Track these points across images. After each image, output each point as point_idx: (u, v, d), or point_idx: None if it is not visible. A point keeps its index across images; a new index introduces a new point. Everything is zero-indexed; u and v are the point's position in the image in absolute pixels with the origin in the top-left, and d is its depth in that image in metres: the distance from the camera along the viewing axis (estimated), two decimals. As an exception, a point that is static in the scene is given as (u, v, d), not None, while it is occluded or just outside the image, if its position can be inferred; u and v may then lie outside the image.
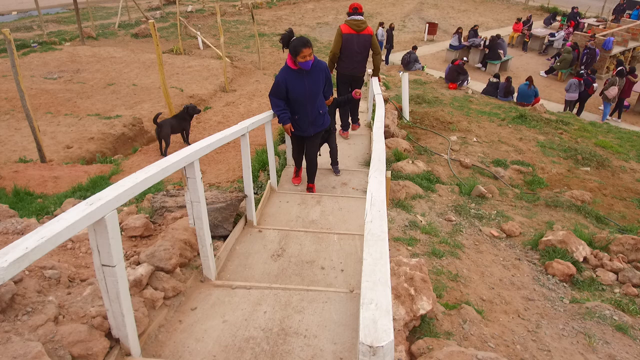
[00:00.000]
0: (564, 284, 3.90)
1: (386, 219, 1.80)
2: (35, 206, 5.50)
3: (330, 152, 5.80)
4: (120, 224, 3.57)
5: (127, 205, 4.84)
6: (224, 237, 3.78)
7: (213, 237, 3.73)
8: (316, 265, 3.61)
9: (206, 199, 3.74)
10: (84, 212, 1.80)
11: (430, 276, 3.56)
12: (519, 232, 4.75)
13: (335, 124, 5.94)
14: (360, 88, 6.96)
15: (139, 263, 2.98)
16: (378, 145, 3.05)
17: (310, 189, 5.31)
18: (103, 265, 2.04)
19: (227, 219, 3.75)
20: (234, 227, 3.94)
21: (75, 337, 2.16)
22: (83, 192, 5.89)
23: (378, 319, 1.17)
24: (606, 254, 4.38)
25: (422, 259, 3.06)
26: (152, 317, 2.74)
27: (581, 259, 4.24)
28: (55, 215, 4.54)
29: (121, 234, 3.48)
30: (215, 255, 3.40)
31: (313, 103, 4.70)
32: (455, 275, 3.63)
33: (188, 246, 3.26)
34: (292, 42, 4.38)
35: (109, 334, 2.30)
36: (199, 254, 3.19)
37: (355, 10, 6.31)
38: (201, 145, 2.79)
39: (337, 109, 6.28)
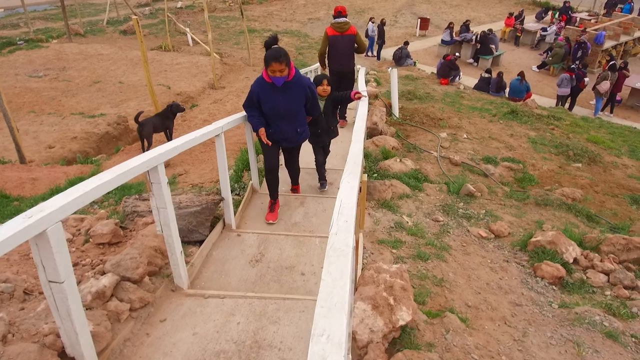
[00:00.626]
0: (553, 286, 3.77)
1: (353, 232, 1.64)
2: (10, 209, 5.30)
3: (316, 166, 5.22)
4: (88, 230, 3.41)
5: (104, 208, 4.67)
6: (200, 242, 3.62)
7: (188, 243, 3.57)
8: (296, 270, 3.46)
9: (180, 203, 3.58)
10: (20, 226, 1.64)
11: (414, 281, 3.42)
12: (508, 232, 4.62)
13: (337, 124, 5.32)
14: (350, 84, 7.41)
15: (104, 273, 2.81)
16: (355, 146, 2.89)
17: (295, 190, 5.04)
18: (50, 281, 1.88)
19: (202, 223, 3.58)
20: (211, 231, 3.78)
21: (24, 357, 2.01)
22: (61, 194, 5.70)
23: (328, 355, 1.02)
24: (597, 254, 4.26)
25: (404, 265, 2.92)
26: (117, 330, 2.58)
27: (571, 260, 4.11)
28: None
29: (89, 241, 3.32)
30: (188, 262, 3.25)
31: (289, 121, 4.18)
32: (440, 280, 3.49)
33: (159, 253, 3.10)
34: (265, 54, 3.83)
35: (63, 353, 2.14)
36: (170, 261, 3.03)
37: (339, 13, 6.88)
38: (166, 148, 2.62)
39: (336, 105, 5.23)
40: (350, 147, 2.94)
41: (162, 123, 7.70)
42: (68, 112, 10.08)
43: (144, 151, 7.36)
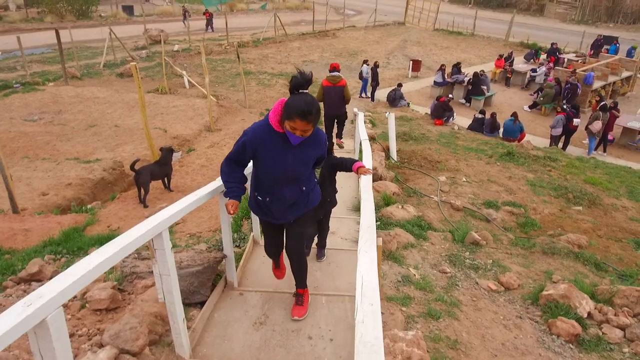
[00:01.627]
0: (570, 345, 3.62)
1: (380, 316, 1.52)
2: (1, 264, 5.10)
3: (319, 234, 4.36)
4: (84, 294, 3.25)
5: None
6: (202, 304, 3.45)
7: (189, 304, 3.41)
8: (302, 334, 3.29)
9: (181, 262, 3.44)
10: (19, 317, 1.50)
11: (428, 344, 3.26)
12: (518, 284, 4.49)
13: (336, 193, 4.30)
14: (343, 123, 9.22)
15: (102, 345, 2.64)
16: (367, 207, 2.79)
17: (300, 297, 3.54)
18: (47, 371, 1.72)
19: (204, 284, 3.43)
20: (212, 290, 3.62)
21: None
22: (54, 246, 5.51)
23: None
24: (611, 308, 4.13)
25: (419, 332, 2.77)
26: (115, 411, 2.40)
27: (585, 315, 3.98)
28: (20, 278, 4.16)
29: (85, 306, 3.14)
30: (190, 328, 3.07)
31: (295, 183, 3.10)
32: (454, 342, 3.33)
33: (159, 320, 2.94)
34: (290, 100, 2.77)
35: None
36: (171, 328, 2.86)
37: (334, 69, 8.61)
38: (170, 213, 2.51)
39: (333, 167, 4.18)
40: (362, 208, 2.84)
41: (160, 170, 7.60)
42: (63, 157, 9.97)
43: (140, 200, 7.23)
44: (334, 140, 9.64)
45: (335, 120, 9.25)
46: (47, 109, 14.27)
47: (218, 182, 3.41)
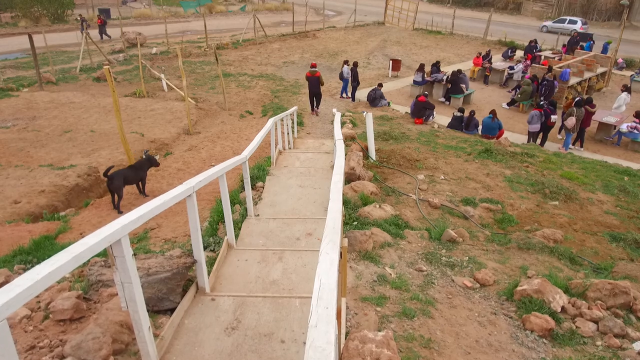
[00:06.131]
0: (544, 339, 3.64)
1: (335, 322, 1.48)
2: (-32, 275, 4.94)
3: None
4: (47, 304, 3.15)
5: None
6: (172, 310, 3.37)
7: (158, 312, 3.33)
8: (275, 338, 3.24)
9: (149, 269, 3.36)
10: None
11: (401, 343, 3.24)
12: (493, 280, 4.50)
13: None
14: (319, 99, 15.46)
15: (63, 357, 2.55)
16: (334, 207, 2.75)
17: None
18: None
19: (173, 290, 3.36)
20: (183, 295, 3.55)
21: None
22: (24, 255, 5.38)
23: None
24: (584, 301, 4.16)
25: (390, 331, 2.74)
26: None
27: (559, 309, 4.01)
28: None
29: (48, 317, 3.05)
30: (158, 336, 3.00)
31: None
32: (428, 341, 3.31)
33: (125, 329, 2.86)
34: None
35: None
36: (137, 337, 2.78)
37: (312, 66, 14.63)
38: (130, 219, 2.44)
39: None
40: (329, 207, 2.80)
41: (135, 174, 7.48)
42: (36, 164, 9.75)
43: (114, 205, 7.10)
44: (314, 110, 15.52)
45: (315, 97, 15.16)
46: (21, 115, 13.97)
47: (184, 186, 3.35)
